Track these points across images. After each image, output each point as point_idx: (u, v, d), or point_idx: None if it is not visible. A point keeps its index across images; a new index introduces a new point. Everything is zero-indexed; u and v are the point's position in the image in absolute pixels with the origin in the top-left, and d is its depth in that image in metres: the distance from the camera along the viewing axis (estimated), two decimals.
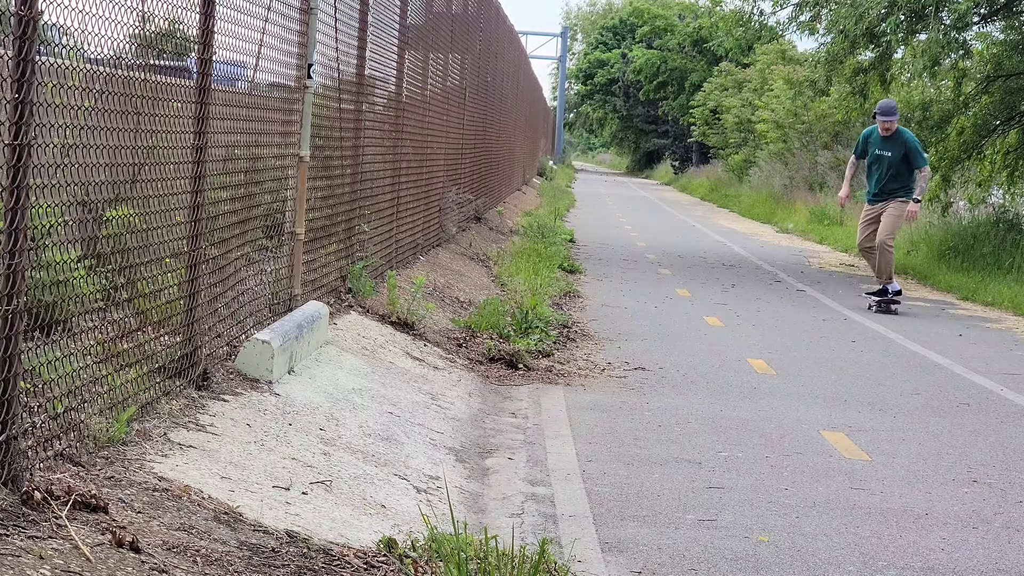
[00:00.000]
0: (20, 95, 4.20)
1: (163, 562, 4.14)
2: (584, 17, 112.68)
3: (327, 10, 9.21)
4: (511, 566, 4.76)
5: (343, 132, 10.07)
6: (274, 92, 8.26)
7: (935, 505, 6.68)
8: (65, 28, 4.73)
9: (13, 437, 4.24)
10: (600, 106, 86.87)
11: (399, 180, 12.85)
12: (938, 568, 5.70)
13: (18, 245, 4.23)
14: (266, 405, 6.68)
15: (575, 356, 10.72)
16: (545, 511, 6.26)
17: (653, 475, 7.02)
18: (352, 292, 10.27)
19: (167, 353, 6.08)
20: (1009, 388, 10.36)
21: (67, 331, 5.04)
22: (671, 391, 9.51)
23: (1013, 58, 20.04)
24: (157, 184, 5.89)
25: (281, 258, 8.50)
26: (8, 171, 4.21)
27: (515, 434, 7.94)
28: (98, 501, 4.34)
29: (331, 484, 5.82)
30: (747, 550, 5.77)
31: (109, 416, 5.19)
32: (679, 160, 75.35)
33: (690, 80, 69.57)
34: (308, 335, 7.90)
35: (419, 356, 9.54)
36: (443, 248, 16.07)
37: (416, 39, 13.81)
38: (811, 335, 12.95)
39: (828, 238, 27.39)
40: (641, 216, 35.37)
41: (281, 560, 4.57)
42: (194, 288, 6.35)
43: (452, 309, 12.12)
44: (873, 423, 8.71)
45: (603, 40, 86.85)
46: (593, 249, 22.04)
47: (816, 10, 20.57)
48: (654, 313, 14.08)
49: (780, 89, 39.12)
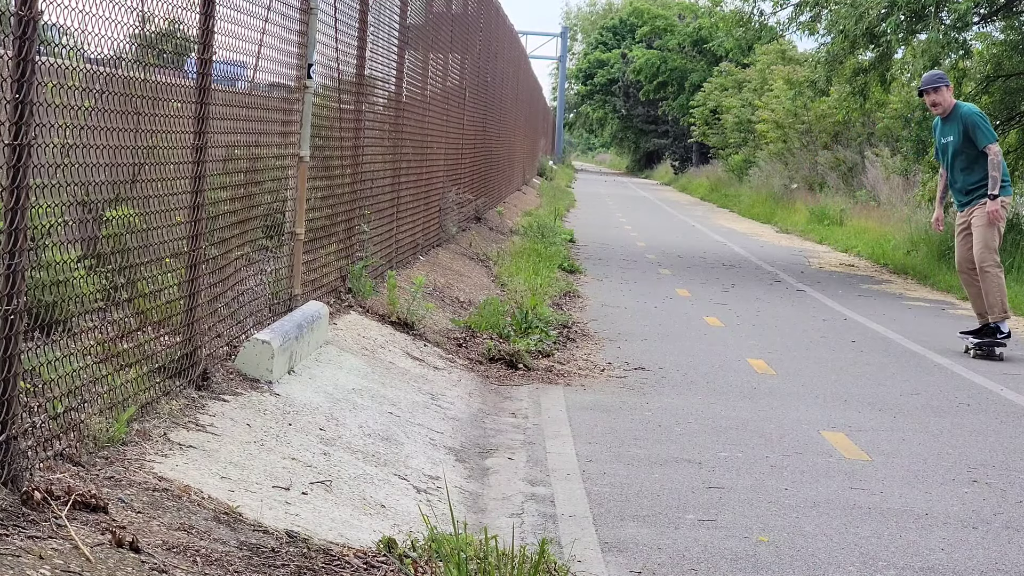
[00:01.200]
0: (20, 95, 4.20)
1: (163, 562, 4.14)
2: (584, 17, 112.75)
3: (327, 10, 9.21)
4: (511, 566, 4.76)
5: (343, 132, 10.07)
6: (274, 92, 8.25)
7: (935, 505, 6.68)
8: (65, 28, 4.73)
9: (13, 437, 4.24)
10: (600, 106, 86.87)
11: (399, 180, 12.85)
12: (938, 568, 5.70)
13: (18, 245, 4.23)
14: (266, 405, 6.68)
15: (575, 356, 10.72)
16: (545, 511, 6.26)
17: (653, 475, 7.02)
18: (352, 292, 10.27)
19: (167, 353, 6.08)
20: (1009, 388, 10.35)
21: (67, 331, 5.04)
22: (671, 391, 9.51)
23: (1013, 58, 20.04)
24: (157, 184, 5.89)
25: (281, 258, 8.50)
26: (8, 171, 4.21)
27: (515, 434, 7.94)
28: (98, 501, 4.34)
29: (331, 484, 5.82)
30: (747, 550, 5.77)
31: (109, 416, 5.19)
32: (679, 160, 75.35)
33: (690, 80, 69.56)
34: (308, 335, 7.90)
35: (419, 356, 9.54)
36: (443, 248, 16.06)
37: (416, 39, 13.80)
38: (811, 335, 12.94)
39: (828, 238, 27.39)
40: (641, 216, 35.37)
41: (281, 560, 4.57)
42: (194, 288, 6.36)
43: (452, 309, 12.12)
44: (873, 423, 8.71)
45: (603, 40, 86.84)
46: (593, 249, 22.04)
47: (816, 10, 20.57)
48: (654, 313, 14.08)
49: (780, 89, 39.11)
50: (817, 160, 37.48)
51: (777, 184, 39.38)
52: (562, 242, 20.72)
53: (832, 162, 36.47)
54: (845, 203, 31.51)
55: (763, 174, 42.15)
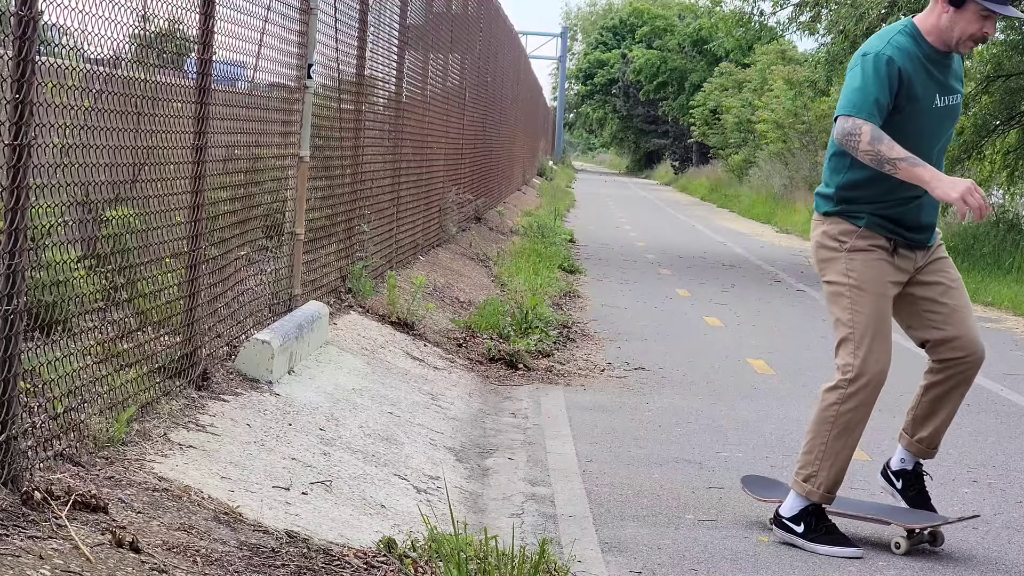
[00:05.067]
0: (20, 95, 4.20)
1: (163, 562, 4.14)
2: (584, 17, 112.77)
3: (327, 10, 9.21)
4: (511, 566, 4.76)
5: (343, 132, 10.07)
6: (274, 92, 8.26)
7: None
8: (65, 28, 4.73)
9: (13, 437, 4.24)
10: (600, 106, 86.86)
11: (399, 180, 12.85)
12: (938, 568, 5.70)
13: (18, 245, 4.23)
14: (266, 405, 6.68)
15: (575, 356, 10.72)
16: (545, 511, 6.26)
17: (653, 475, 7.02)
18: (352, 292, 10.27)
19: (167, 353, 6.08)
20: (1009, 388, 10.35)
21: (67, 331, 5.04)
22: (671, 391, 9.51)
23: (1013, 58, 20.06)
24: (157, 184, 5.89)
25: (281, 258, 8.50)
26: (8, 171, 4.21)
27: (515, 434, 7.94)
28: (98, 501, 4.34)
29: (331, 484, 5.82)
30: (747, 550, 5.77)
31: (109, 416, 5.19)
32: (679, 160, 75.36)
33: (690, 80, 69.57)
34: (308, 335, 7.90)
35: (419, 356, 9.54)
36: (443, 248, 16.06)
37: (416, 39, 13.81)
38: (811, 335, 12.94)
39: None
40: (641, 216, 35.37)
41: (281, 560, 4.57)
42: (194, 288, 6.35)
43: (452, 309, 12.12)
44: (873, 423, 8.70)
45: (603, 40, 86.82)
46: (593, 249, 22.04)
47: (816, 10, 20.59)
48: (654, 313, 14.08)
49: (780, 89, 39.14)
50: (817, 160, 37.49)
51: (777, 184, 39.39)
52: (562, 242, 20.72)
53: None
54: None
55: (763, 174, 42.17)
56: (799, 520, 5.82)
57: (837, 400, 5.75)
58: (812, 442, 5.78)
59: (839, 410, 5.73)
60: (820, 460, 5.75)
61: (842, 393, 5.73)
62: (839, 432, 5.74)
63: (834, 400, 5.76)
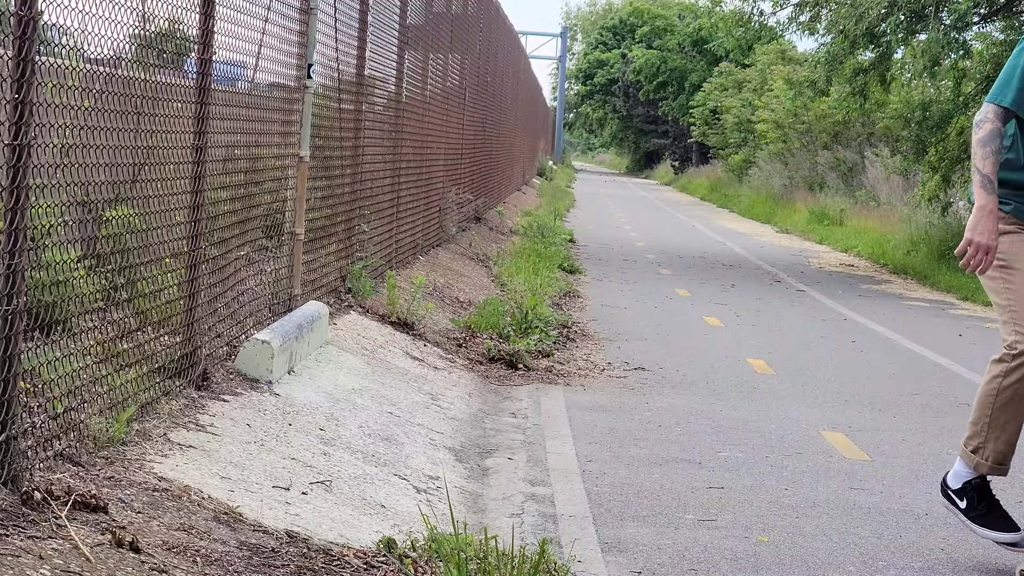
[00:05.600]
0: (20, 95, 4.20)
1: (163, 562, 4.14)
2: (584, 17, 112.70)
3: (327, 10, 9.21)
4: (511, 566, 4.76)
5: (343, 132, 10.07)
6: (274, 92, 8.26)
7: (935, 505, 6.67)
8: (65, 28, 4.73)
9: (13, 437, 4.24)
10: (600, 106, 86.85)
11: (399, 180, 12.85)
12: (938, 568, 5.70)
13: (18, 245, 4.23)
14: (266, 405, 6.68)
15: (575, 356, 10.72)
16: (545, 511, 6.26)
17: (653, 475, 7.02)
18: (352, 292, 10.27)
19: (167, 353, 6.08)
20: None
21: (67, 331, 5.04)
22: (671, 391, 9.51)
23: None
24: (157, 184, 5.89)
25: (281, 258, 8.50)
26: (8, 171, 4.21)
27: (515, 434, 7.94)
28: (98, 501, 4.34)
29: (331, 484, 5.82)
30: (747, 550, 5.77)
31: (109, 416, 5.19)
32: (679, 160, 75.37)
33: (690, 80, 69.56)
34: (308, 335, 7.90)
35: (419, 356, 9.54)
36: (443, 248, 16.06)
37: (416, 39, 13.80)
38: (811, 335, 12.95)
39: (828, 238, 27.40)
40: (641, 216, 35.37)
41: (281, 560, 4.57)
42: (194, 288, 6.35)
43: (452, 309, 12.12)
44: (873, 423, 8.71)
45: (603, 40, 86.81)
46: (593, 249, 22.04)
47: (816, 10, 20.58)
48: (654, 313, 14.08)
49: (780, 89, 39.11)
50: (817, 160, 37.49)
51: (777, 184, 39.39)
52: (562, 242, 20.72)
53: (832, 162, 36.48)
54: (845, 203, 31.53)
55: (763, 174, 42.17)
56: (962, 495, 5.91)
57: (1000, 373, 5.85)
58: (978, 414, 5.88)
59: (1002, 383, 5.82)
60: (986, 432, 5.85)
61: (1006, 367, 5.83)
62: (1003, 404, 5.82)
63: (998, 372, 5.86)
